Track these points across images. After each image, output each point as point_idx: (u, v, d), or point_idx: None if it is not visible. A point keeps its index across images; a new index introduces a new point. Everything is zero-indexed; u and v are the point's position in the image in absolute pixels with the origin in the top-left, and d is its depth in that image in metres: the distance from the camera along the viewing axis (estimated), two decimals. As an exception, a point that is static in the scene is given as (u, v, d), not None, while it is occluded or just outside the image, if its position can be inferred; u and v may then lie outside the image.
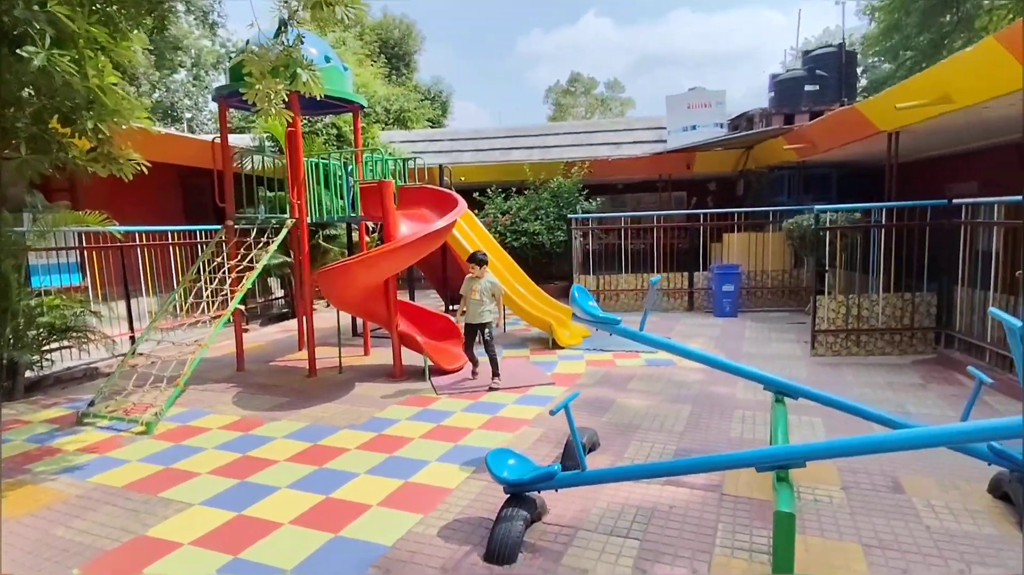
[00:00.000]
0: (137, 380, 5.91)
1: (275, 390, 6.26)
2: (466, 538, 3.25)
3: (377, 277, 6.03)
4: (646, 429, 4.84)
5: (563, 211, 12.48)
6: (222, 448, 4.66)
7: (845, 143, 9.31)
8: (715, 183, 16.04)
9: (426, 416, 5.30)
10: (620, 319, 4.04)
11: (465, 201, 6.68)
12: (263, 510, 3.61)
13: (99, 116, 5.24)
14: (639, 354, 7.41)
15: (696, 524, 3.33)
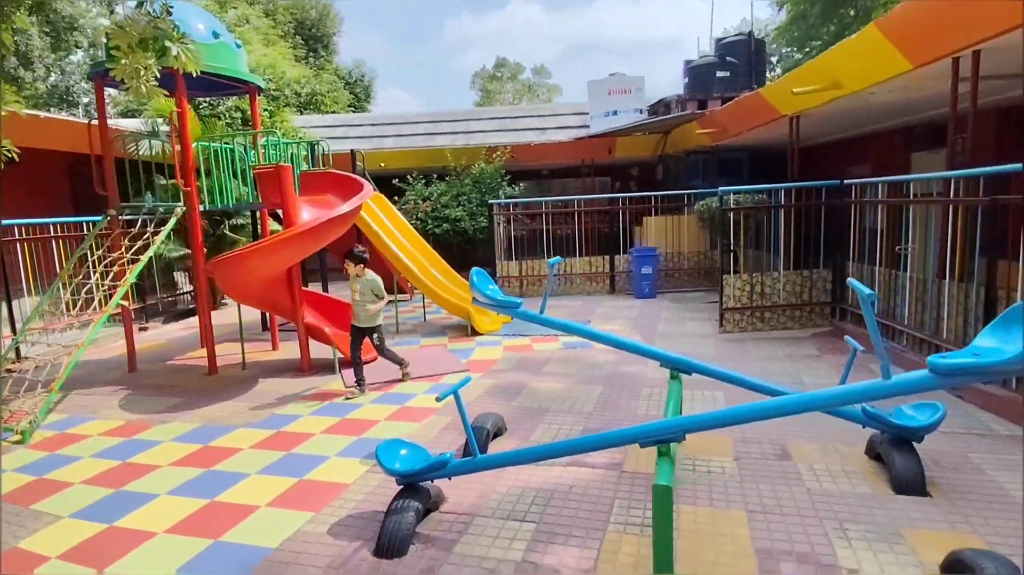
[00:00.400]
0: (13, 386, 5.39)
1: (170, 390, 5.86)
2: (358, 534, 3.12)
3: (277, 266, 5.73)
4: (556, 411, 4.84)
5: (485, 197, 12.37)
6: (100, 456, 4.31)
7: (752, 127, 9.65)
8: (637, 168, 16.35)
9: (331, 410, 5.10)
10: (521, 302, 4.00)
11: (372, 185, 6.43)
12: (138, 520, 3.35)
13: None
14: (558, 338, 7.44)
15: (593, 503, 3.33)
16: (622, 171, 16.48)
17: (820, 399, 2.45)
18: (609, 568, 2.74)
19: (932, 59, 5.06)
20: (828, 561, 2.73)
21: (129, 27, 4.28)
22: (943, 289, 5.19)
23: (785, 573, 2.66)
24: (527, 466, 3.76)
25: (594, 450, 3.16)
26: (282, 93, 15.00)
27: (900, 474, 3.32)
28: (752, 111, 9.26)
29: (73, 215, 9.14)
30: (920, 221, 5.83)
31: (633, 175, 16.70)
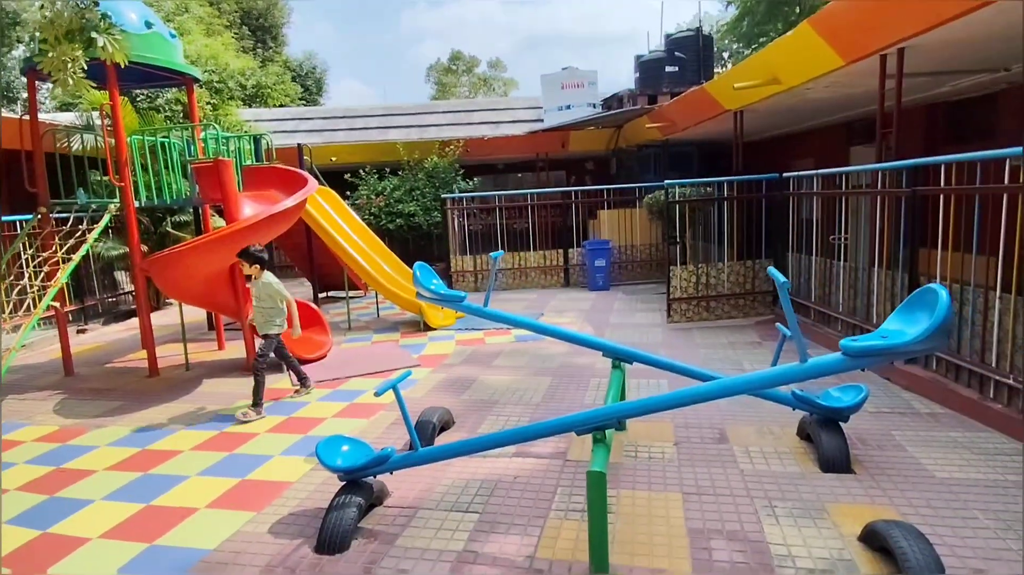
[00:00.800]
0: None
1: (108, 394, 5.66)
2: (300, 531, 3.09)
3: (217, 264, 5.58)
4: (504, 403, 4.89)
5: (439, 191, 12.31)
6: (32, 462, 4.14)
7: (699, 121, 9.90)
8: (592, 162, 16.54)
9: (277, 409, 5.02)
10: (465, 296, 4.03)
11: (317, 180, 6.33)
12: (71, 525, 3.24)
13: None
14: (511, 331, 7.50)
15: (536, 491, 3.39)
16: (577, 165, 16.64)
17: (744, 383, 2.56)
18: (548, 553, 2.80)
19: (862, 56, 5.29)
20: (756, 538, 2.85)
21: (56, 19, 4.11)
22: (873, 277, 5.45)
23: (716, 551, 2.77)
24: (474, 458, 3.79)
25: (532, 439, 3.22)
26: (225, 85, 14.53)
27: (826, 453, 3.49)
28: (698, 106, 9.49)
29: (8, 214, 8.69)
30: (853, 212, 6.11)
31: (588, 169, 16.89)
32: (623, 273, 11.20)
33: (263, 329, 4.99)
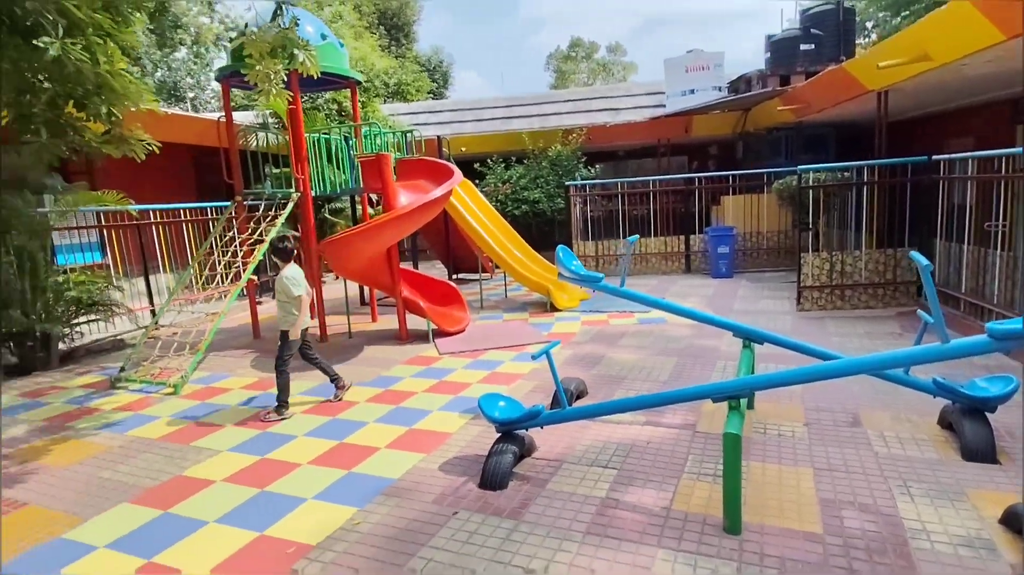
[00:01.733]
0: (161, 349, 6.37)
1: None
2: (463, 471, 3.66)
3: (378, 246, 6.39)
4: (632, 379, 5.22)
5: (562, 179, 12.71)
6: (243, 405, 5.12)
7: (838, 103, 9.43)
8: (716, 146, 16.12)
9: (429, 373, 5.71)
10: (603, 276, 4.40)
11: (460, 171, 6.96)
12: (284, 454, 4.05)
13: (109, 100, 5.58)
14: (634, 314, 7.76)
15: (669, 456, 3.72)
16: (699, 150, 16.30)
17: (880, 361, 2.72)
18: (683, 506, 3.13)
19: (1023, 31, 4.94)
20: (889, 511, 2.99)
21: (260, 37, 4.95)
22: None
23: (847, 519, 2.95)
24: (608, 424, 4.19)
25: (671, 403, 3.51)
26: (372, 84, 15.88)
27: (970, 441, 3.48)
28: (836, 86, 9.06)
29: (197, 201, 10.32)
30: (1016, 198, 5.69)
31: (711, 154, 16.48)
32: (747, 260, 10.98)
33: (280, 324, 4.85)
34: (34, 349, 6.46)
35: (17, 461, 4.17)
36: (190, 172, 11.71)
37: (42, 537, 3.18)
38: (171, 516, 3.32)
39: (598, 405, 3.57)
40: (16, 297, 6.14)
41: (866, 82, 8.10)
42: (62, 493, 3.67)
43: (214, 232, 7.01)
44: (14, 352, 6.54)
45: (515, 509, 3.19)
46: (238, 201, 7.16)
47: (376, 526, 3.10)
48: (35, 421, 4.98)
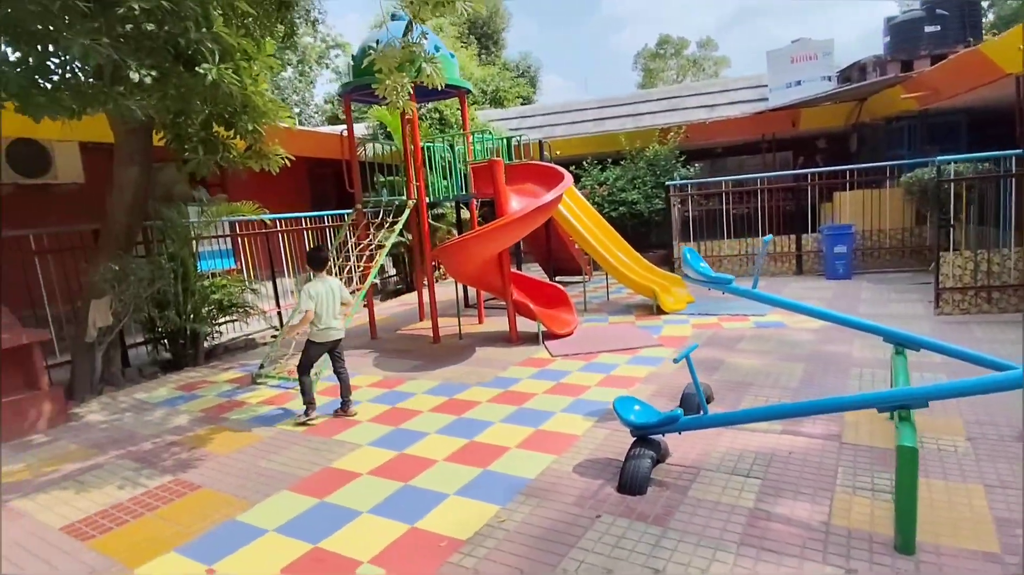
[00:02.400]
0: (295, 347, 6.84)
1: (407, 354, 6.99)
2: (598, 474, 3.67)
3: (492, 250, 6.53)
4: (759, 385, 5.02)
5: (660, 179, 12.44)
6: (374, 401, 5.39)
7: (971, 88, 8.64)
8: (824, 140, 15.21)
9: (545, 375, 5.77)
10: (732, 279, 4.27)
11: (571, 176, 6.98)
12: (419, 450, 4.23)
13: (253, 118, 6.07)
14: (747, 317, 7.47)
15: (816, 467, 3.55)
16: (806, 144, 15.43)
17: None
18: (844, 522, 2.98)
19: None
20: (1087, 538, 2.70)
21: (390, 53, 5.20)
22: None
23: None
24: (742, 431, 4.06)
25: (829, 411, 3.33)
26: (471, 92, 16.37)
27: None
28: (969, 70, 8.32)
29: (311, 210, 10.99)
30: None
31: (819, 147, 15.55)
32: (866, 261, 10.27)
33: None
34: (184, 347, 7.13)
35: (187, 447, 4.62)
36: (304, 183, 12.52)
37: (218, 518, 3.50)
38: (327, 505, 3.55)
39: (744, 412, 3.46)
40: (171, 299, 6.79)
41: (1004, 65, 7.37)
42: (228, 478, 4.02)
43: (339, 237, 7.45)
44: (167, 349, 7.24)
45: (659, 515, 3.16)
46: (358, 210, 7.56)
47: (521, 524, 3.17)
48: (194, 412, 5.49)
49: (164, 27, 4.86)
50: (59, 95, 4.36)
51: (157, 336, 7.20)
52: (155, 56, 4.90)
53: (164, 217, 6.91)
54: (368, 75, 6.95)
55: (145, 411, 5.62)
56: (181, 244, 6.92)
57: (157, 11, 4.66)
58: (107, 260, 5.99)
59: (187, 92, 5.29)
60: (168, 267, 6.43)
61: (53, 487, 4.11)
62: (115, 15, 4.71)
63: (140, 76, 4.62)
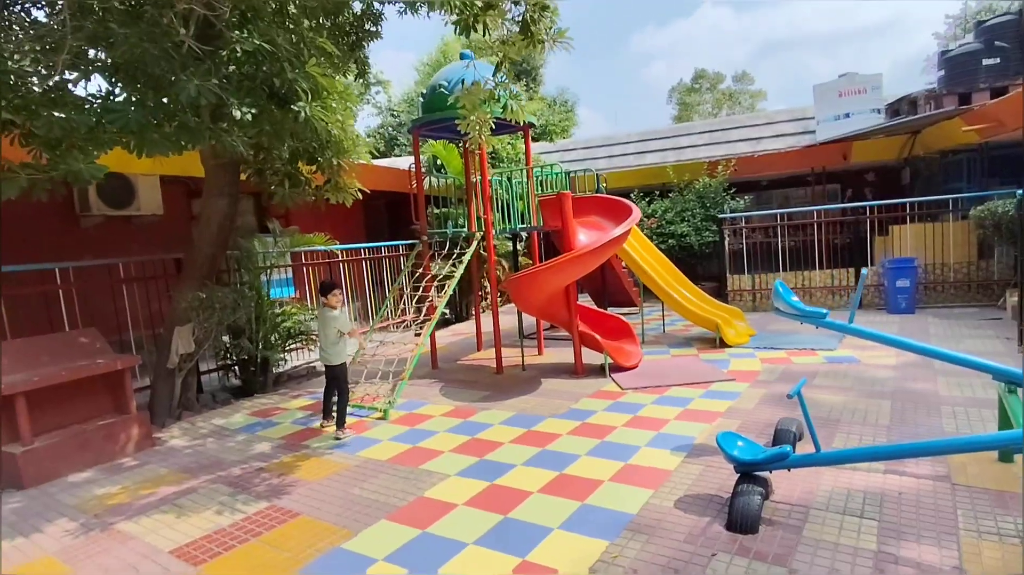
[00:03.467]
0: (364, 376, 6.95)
1: (473, 385, 7.01)
2: (701, 511, 3.61)
3: (562, 282, 6.58)
4: (848, 422, 4.91)
5: (710, 211, 12.43)
6: (452, 431, 5.40)
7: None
8: (873, 173, 15.05)
9: (620, 408, 5.72)
10: (827, 312, 4.22)
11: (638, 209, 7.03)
12: (511, 481, 4.22)
13: (336, 153, 6.30)
14: (816, 352, 7.33)
15: (932, 509, 3.43)
16: (855, 177, 15.27)
17: None
18: (977, 569, 2.86)
19: None
20: None
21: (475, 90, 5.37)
22: None
23: None
24: (844, 470, 3.95)
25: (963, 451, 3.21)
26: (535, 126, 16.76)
27: None
28: (1045, 102, 8.19)
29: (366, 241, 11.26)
30: None
31: (868, 180, 15.38)
32: (928, 295, 10.02)
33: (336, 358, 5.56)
34: (255, 373, 7.29)
35: (276, 474, 4.69)
36: (359, 214, 12.83)
37: (323, 546, 3.53)
38: (431, 536, 3.55)
39: (860, 449, 3.39)
40: (244, 327, 6.98)
41: (1086, 95, 7.26)
42: (325, 506, 4.06)
43: (406, 269, 7.61)
44: (237, 375, 7.41)
45: (779, 555, 3.08)
46: (424, 241, 7.72)
47: (635, 562, 3.13)
48: (274, 439, 5.58)
49: (263, 67, 5.14)
50: (171, 133, 4.60)
51: (229, 363, 7.38)
52: (253, 95, 5.16)
53: (241, 247, 7.15)
54: (440, 111, 7.22)
55: (226, 437, 5.74)
56: (258, 273, 7.13)
57: (258, 53, 4.93)
58: (191, 288, 6.21)
59: (279, 128, 5.55)
60: (250, 295, 6.62)
61: (153, 510, 4.20)
62: (221, 58, 5.00)
63: (241, 114, 4.86)
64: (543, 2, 4.50)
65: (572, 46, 4.87)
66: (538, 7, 4.49)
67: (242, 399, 7.10)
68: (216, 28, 4.91)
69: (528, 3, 4.46)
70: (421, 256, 7.80)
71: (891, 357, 6.84)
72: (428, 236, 7.76)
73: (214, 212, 6.21)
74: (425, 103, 7.56)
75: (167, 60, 4.41)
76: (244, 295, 6.57)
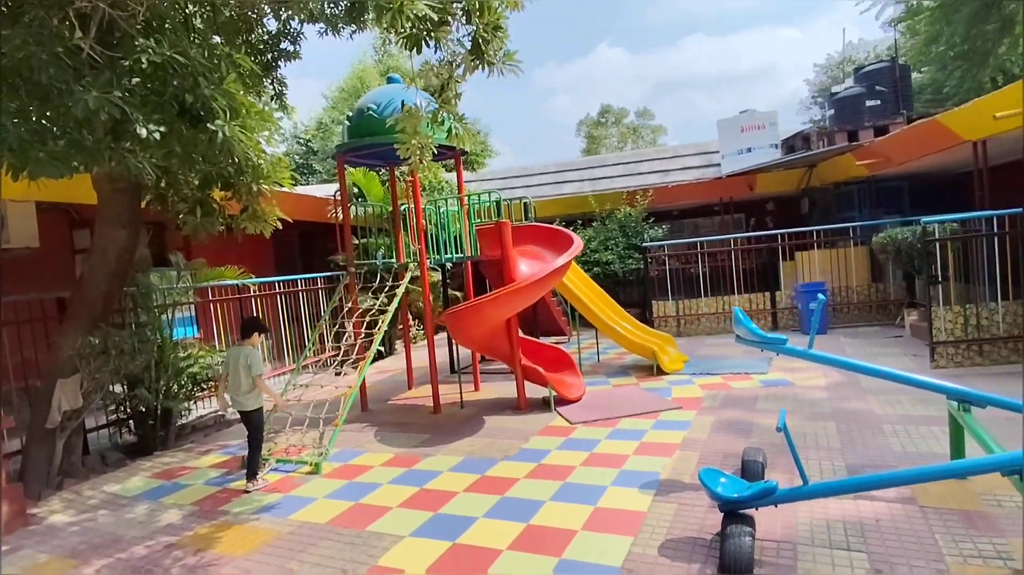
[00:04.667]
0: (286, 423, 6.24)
1: (410, 427, 6.49)
2: (688, 556, 3.37)
3: (505, 314, 6.29)
4: (802, 447, 4.90)
5: (631, 240, 12.71)
6: (397, 483, 4.88)
7: (924, 155, 9.40)
8: (774, 203, 16.12)
9: (574, 445, 5.45)
10: (786, 339, 4.21)
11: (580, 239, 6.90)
12: (475, 538, 3.79)
13: (255, 178, 5.70)
14: (750, 375, 7.48)
15: (912, 535, 3.40)
16: (758, 207, 16.29)
17: None
18: (975, 596, 2.81)
19: None
20: None
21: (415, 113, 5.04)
22: None
23: None
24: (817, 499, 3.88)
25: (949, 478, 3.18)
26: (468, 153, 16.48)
27: None
28: (927, 138, 9.05)
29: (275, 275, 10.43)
30: None
31: (768, 210, 16.46)
32: (836, 316, 10.69)
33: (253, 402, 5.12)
34: (154, 427, 6.35)
35: (191, 550, 3.96)
36: (268, 245, 11.93)
37: (262, 640, 2.94)
38: (394, 614, 3.06)
39: (847, 481, 3.30)
40: (142, 375, 6.09)
41: (963, 133, 8.08)
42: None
43: (332, 303, 7.00)
44: (133, 431, 6.43)
45: (781, 601, 2.89)
46: (351, 273, 7.17)
47: (633, 623, 2.82)
48: (184, 505, 4.79)
49: (173, 81, 4.54)
50: (61, 151, 3.89)
51: (122, 417, 6.40)
52: (162, 111, 4.54)
53: (140, 283, 6.28)
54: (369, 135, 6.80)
55: (123, 507, 4.86)
56: (160, 312, 6.27)
57: (168, 64, 4.36)
58: (81, 332, 5.31)
59: (191, 149, 4.92)
60: (153, 339, 5.78)
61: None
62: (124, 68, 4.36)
63: (147, 132, 4.24)
64: (496, 22, 4.28)
65: (521, 70, 4.69)
66: (491, 27, 4.26)
67: (139, 459, 6.14)
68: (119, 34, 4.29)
69: (481, 23, 4.22)
70: (348, 289, 7.22)
71: (821, 378, 7.09)
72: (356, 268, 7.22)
73: (110, 243, 5.38)
74: (351, 127, 7.10)
75: (58, 67, 3.75)
76: (145, 338, 5.72)
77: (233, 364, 5.09)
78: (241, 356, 5.02)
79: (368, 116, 6.87)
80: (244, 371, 5.02)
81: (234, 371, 5.07)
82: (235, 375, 5.07)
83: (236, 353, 5.08)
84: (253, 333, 5.22)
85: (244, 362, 5.00)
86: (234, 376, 5.07)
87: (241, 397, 5.07)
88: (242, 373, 5.02)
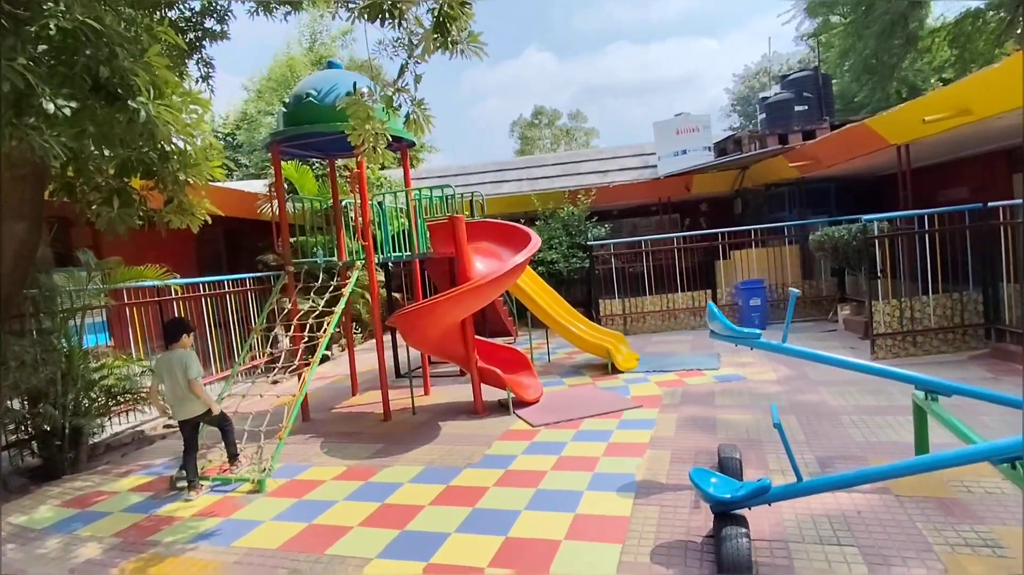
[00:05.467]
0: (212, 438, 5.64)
1: (359, 437, 6.04)
2: (683, 562, 3.21)
3: (461, 314, 5.97)
4: (769, 442, 4.89)
5: (575, 239, 12.67)
6: (354, 498, 4.46)
7: (851, 158, 9.87)
8: (707, 203, 16.60)
9: (540, 449, 5.21)
10: (760, 333, 4.16)
11: (538, 236, 6.67)
12: (451, 556, 3.47)
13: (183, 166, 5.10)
14: (703, 372, 7.52)
15: (896, 526, 3.38)
16: (692, 207, 16.73)
17: None
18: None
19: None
20: None
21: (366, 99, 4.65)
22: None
23: None
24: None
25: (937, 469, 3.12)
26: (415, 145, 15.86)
27: None
28: (855, 142, 9.48)
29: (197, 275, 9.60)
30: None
31: (703, 210, 16.94)
32: (774, 312, 11.05)
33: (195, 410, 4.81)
34: (62, 448, 5.57)
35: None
36: (189, 243, 11.00)
37: None
38: (369, 651, 2.70)
39: (844, 476, 3.22)
40: (47, 389, 5.33)
41: (889, 137, 8.51)
42: (202, 631, 2.97)
43: (268, 305, 6.42)
44: (37, 452, 5.63)
45: (787, 605, 2.76)
46: (289, 272, 6.62)
47: (638, 642, 2.60)
48: (104, 537, 4.16)
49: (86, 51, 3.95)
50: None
51: (23, 438, 5.59)
52: (72, 84, 3.95)
53: (42, 285, 5.50)
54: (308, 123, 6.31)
55: (31, 542, 4.17)
56: (67, 318, 5.52)
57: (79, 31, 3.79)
58: (-30, 342, 4.55)
59: (106, 130, 4.32)
60: (59, 347, 5.04)
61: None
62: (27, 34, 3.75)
63: (56, 107, 3.66)
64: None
65: (486, 53, 4.41)
66: (457, 2, 3.95)
67: (46, 484, 5.35)
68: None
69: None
70: (286, 291, 6.67)
71: (771, 372, 7.22)
72: (295, 267, 6.67)
73: (7, 239, 4.63)
74: (288, 115, 6.57)
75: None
76: (50, 347, 4.99)
77: (168, 371, 4.66)
78: (175, 360, 4.60)
79: (308, 103, 6.37)
80: (182, 375, 4.60)
81: (170, 378, 4.65)
82: (172, 382, 4.64)
83: (168, 358, 4.63)
84: (181, 335, 4.79)
85: (180, 365, 4.58)
86: (171, 384, 4.66)
87: (187, 404, 4.72)
88: (180, 379, 4.64)
